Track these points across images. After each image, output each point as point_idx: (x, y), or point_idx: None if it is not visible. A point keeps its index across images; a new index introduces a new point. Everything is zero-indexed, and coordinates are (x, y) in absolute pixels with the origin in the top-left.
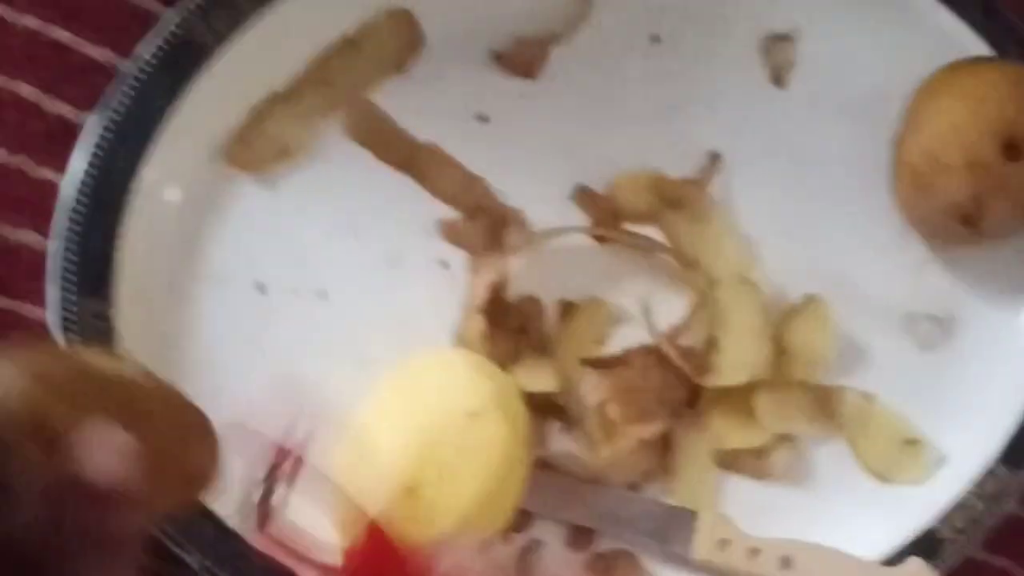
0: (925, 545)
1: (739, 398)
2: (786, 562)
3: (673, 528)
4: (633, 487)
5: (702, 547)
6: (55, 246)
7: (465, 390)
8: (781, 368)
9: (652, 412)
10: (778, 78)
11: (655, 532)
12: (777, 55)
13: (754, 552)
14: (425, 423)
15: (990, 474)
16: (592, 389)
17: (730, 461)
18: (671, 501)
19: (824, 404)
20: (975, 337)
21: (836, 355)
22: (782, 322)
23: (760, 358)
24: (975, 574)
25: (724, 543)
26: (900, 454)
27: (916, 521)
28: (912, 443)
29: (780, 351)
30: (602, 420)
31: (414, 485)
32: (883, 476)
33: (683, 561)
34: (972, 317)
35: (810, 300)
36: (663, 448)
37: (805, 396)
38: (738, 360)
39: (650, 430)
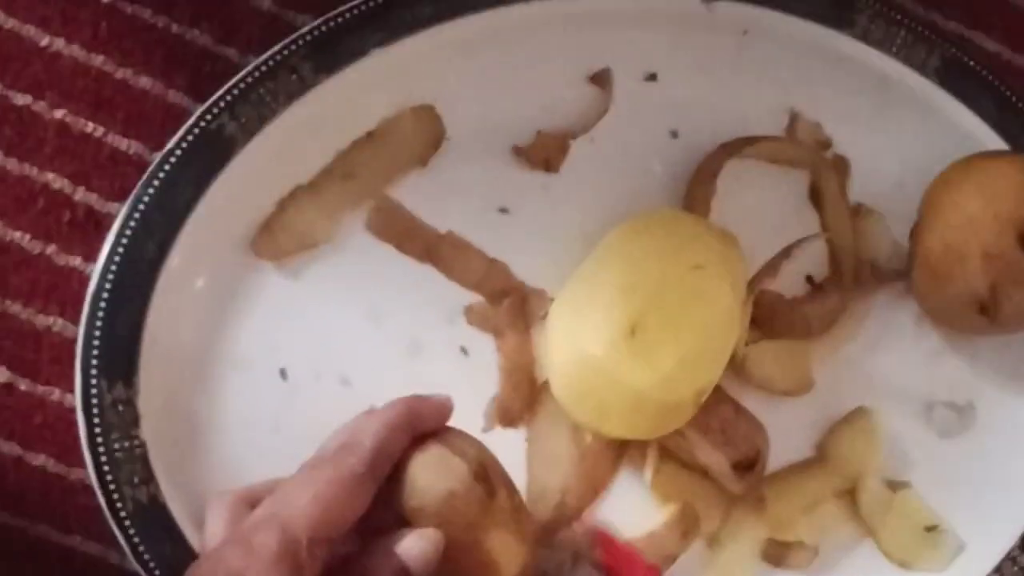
0: None
1: (807, 493)
2: None
3: None
4: (672, 556)
5: None
6: (81, 334)
7: (692, 244)
8: (823, 479)
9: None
10: None
11: None
12: None
13: None
14: (651, 270)
15: (1010, 560)
16: None
17: (775, 552)
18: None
19: (850, 497)
20: (993, 424)
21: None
22: (829, 432)
23: None
24: None
25: None
26: (920, 541)
27: None
28: (932, 530)
29: (824, 460)
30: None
31: (636, 326)
32: (903, 563)
33: None
34: (990, 405)
35: (860, 412)
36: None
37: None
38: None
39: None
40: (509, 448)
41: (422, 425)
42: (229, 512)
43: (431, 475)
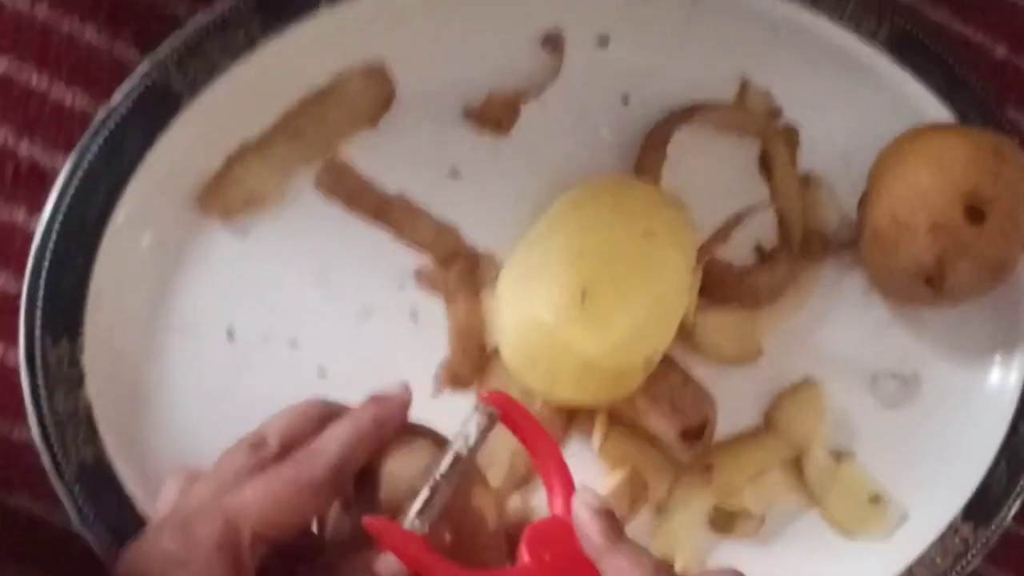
0: None
1: (754, 461)
2: None
3: None
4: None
5: None
6: (25, 289)
7: (642, 210)
8: (769, 448)
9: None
10: None
11: None
12: None
13: None
14: (601, 236)
15: (952, 531)
16: None
17: (722, 520)
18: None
19: (796, 466)
20: (938, 395)
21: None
22: (775, 401)
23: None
24: None
25: None
26: (864, 511)
27: None
28: (876, 500)
29: (771, 429)
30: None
31: (587, 292)
32: (847, 532)
33: None
34: (935, 376)
35: (806, 382)
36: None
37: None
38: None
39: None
40: (458, 412)
41: (389, 432)
42: (182, 487)
43: (405, 466)
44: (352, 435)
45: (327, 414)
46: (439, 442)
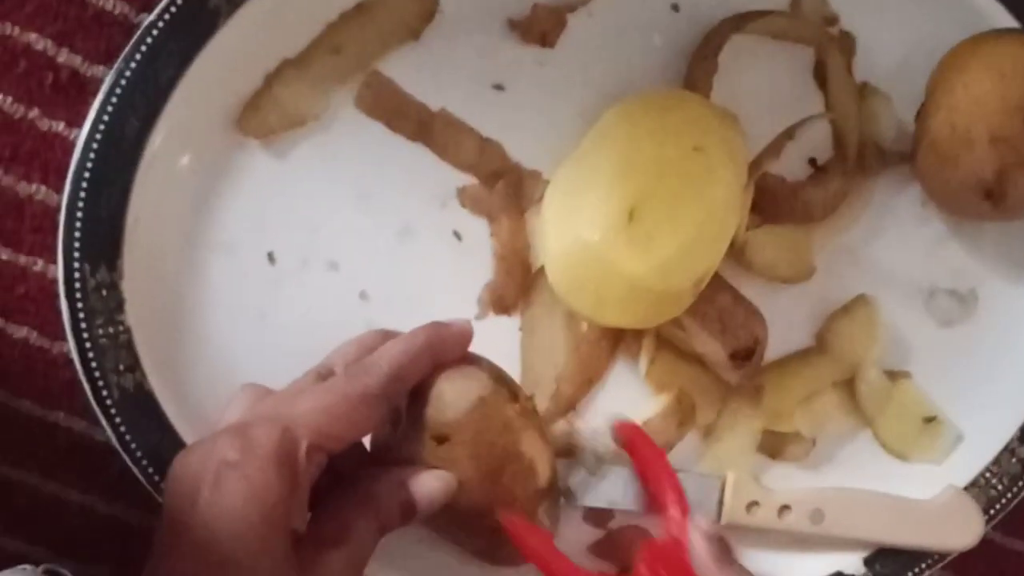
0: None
1: (806, 383)
2: (817, 515)
3: (699, 496)
4: (667, 446)
5: (730, 511)
6: (63, 217)
7: (692, 125)
8: (821, 369)
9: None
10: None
11: None
12: None
13: (784, 510)
14: (650, 152)
15: (1008, 452)
16: None
17: (772, 443)
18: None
19: (848, 387)
20: (995, 313)
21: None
22: (828, 320)
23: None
24: (992, 556)
25: (752, 505)
26: (919, 432)
27: None
28: (931, 421)
29: (823, 349)
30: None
31: (635, 210)
32: (901, 455)
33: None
34: (992, 293)
35: (860, 300)
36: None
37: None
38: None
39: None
40: (503, 336)
41: (443, 355)
42: (248, 402)
43: (457, 389)
44: (404, 353)
45: (388, 340)
46: (495, 373)
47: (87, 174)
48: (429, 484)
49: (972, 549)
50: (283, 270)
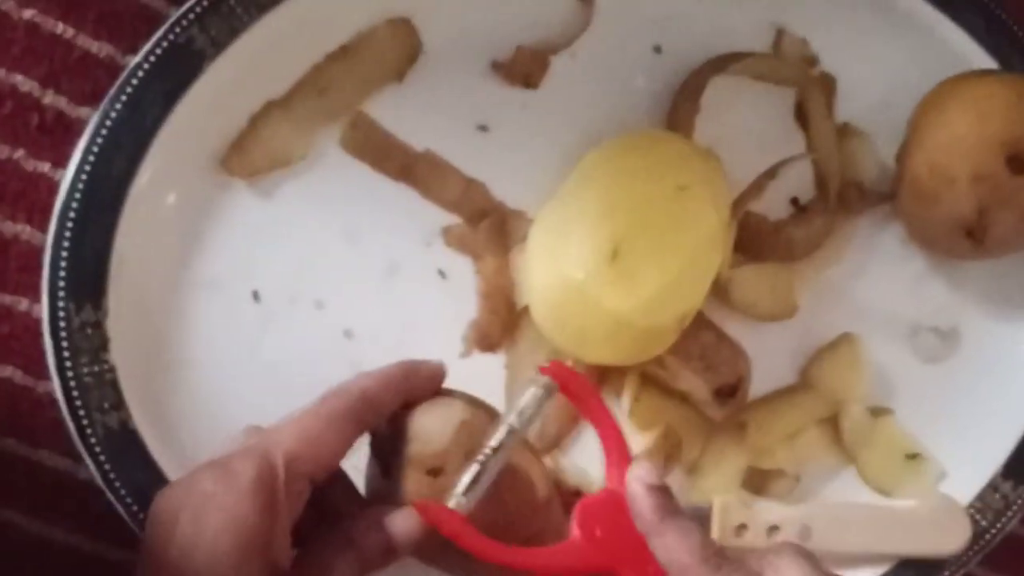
0: (927, 559)
1: (790, 420)
2: (805, 532)
3: None
4: None
5: (720, 536)
6: (48, 257)
7: (676, 164)
8: (806, 406)
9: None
10: None
11: None
12: None
13: (773, 530)
14: (634, 191)
15: (992, 489)
16: None
17: (756, 480)
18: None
19: (832, 424)
20: (978, 350)
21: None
22: (813, 357)
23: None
24: None
25: (741, 528)
26: (902, 469)
27: None
28: (914, 458)
29: (807, 387)
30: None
31: (618, 249)
32: (884, 491)
33: None
34: (975, 330)
35: (844, 338)
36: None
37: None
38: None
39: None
40: (488, 374)
41: (415, 386)
42: (241, 439)
43: (437, 418)
44: (374, 379)
45: None
46: (470, 399)
47: (72, 214)
48: (406, 521)
49: None
50: (268, 308)
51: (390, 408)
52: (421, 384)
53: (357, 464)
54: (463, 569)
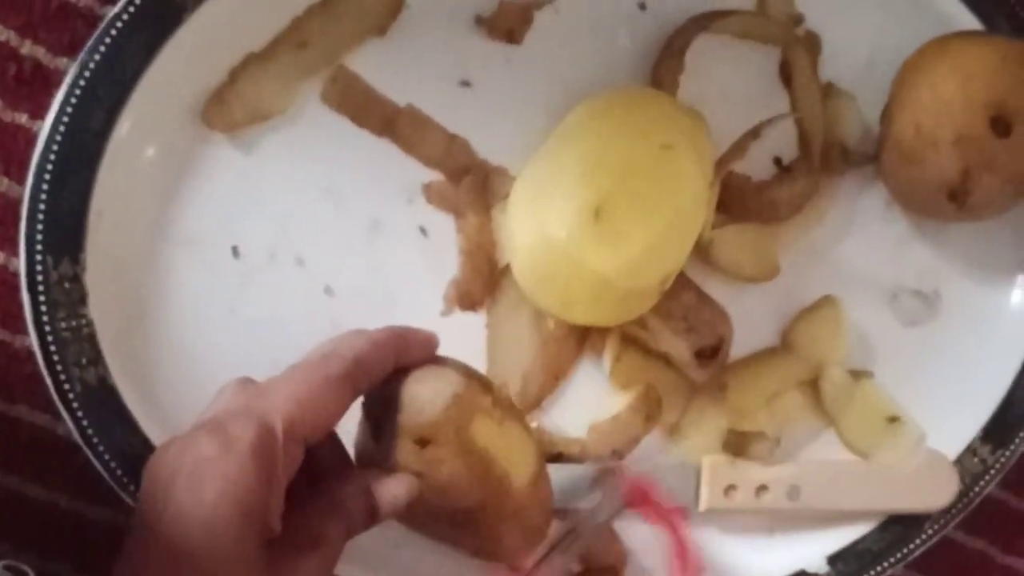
0: (905, 523)
1: (771, 382)
2: (794, 491)
3: (676, 485)
4: (634, 440)
5: (709, 497)
6: (25, 210)
7: (659, 123)
8: (786, 368)
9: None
10: None
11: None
12: None
13: (761, 490)
14: (617, 149)
15: (971, 452)
16: None
17: (736, 442)
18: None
19: (813, 387)
20: (959, 313)
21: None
22: (794, 319)
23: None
24: (954, 555)
25: (730, 489)
26: (882, 432)
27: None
28: (894, 421)
29: (788, 349)
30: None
31: (601, 208)
32: (864, 454)
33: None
34: (956, 293)
35: (826, 300)
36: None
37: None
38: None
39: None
40: (469, 333)
41: (407, 351)
42: (231, 395)
43: (430, 389)
44: (367, 341)
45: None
46: (465, 370)
47: (50, 166)
48: (393, 489)
49: (934, 548)
50: (248, 265)
51: (383, 373)
52: (414, 350)
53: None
54: (448, 539)
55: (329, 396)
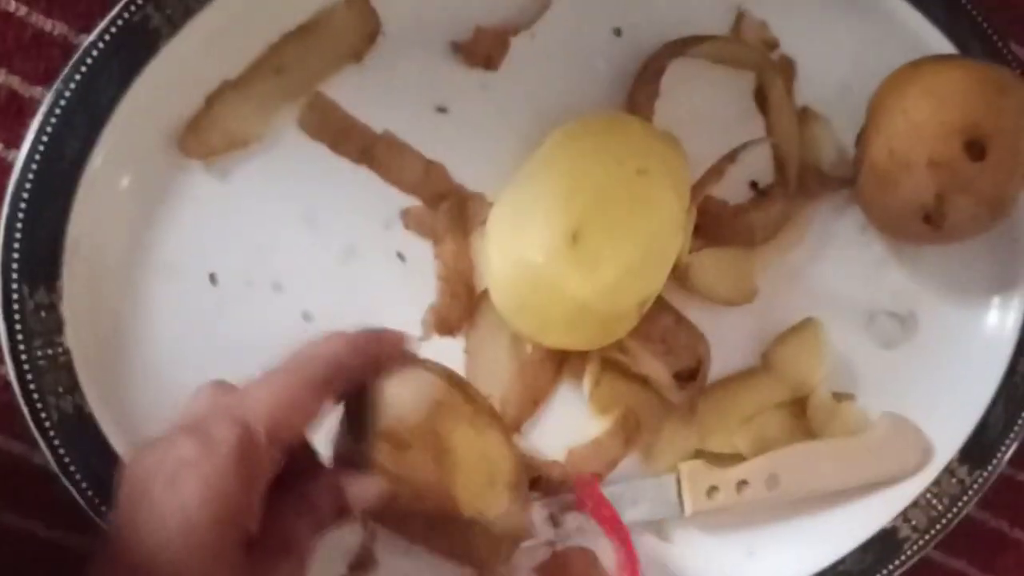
0: (885, 544)
1: (749, 403)
2: (772, 481)
3: (658, 496)
4: (613, 463)
5: (692, 502)
6: (1, 236)
7: (636, 148)
8: (765, 390)
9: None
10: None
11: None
12: None
13: (742, 485)
14: (594, 175)
15: (948, 473)
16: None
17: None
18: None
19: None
20: (936, 335)
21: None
22: (775, 341)
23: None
24: (932, 575)
25: (712, 490)
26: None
27: (876, 520)
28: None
29: (767, 370)
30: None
31: (578, 233)
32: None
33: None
34: (933, 315)
35: (807, 322)
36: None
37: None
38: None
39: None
40: (448, 358)
41: (381, 349)
42: (208, 398)
43: (412, 392)
44: (343, 342)
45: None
46: (447, 374)
47: (25, 195)
48: (365, 491)
49: (913, 569)
50: (225, 291)
51: (360, 375)
52: (387, 345)
53: None
54: (422, 539)
55: (309, 399)
